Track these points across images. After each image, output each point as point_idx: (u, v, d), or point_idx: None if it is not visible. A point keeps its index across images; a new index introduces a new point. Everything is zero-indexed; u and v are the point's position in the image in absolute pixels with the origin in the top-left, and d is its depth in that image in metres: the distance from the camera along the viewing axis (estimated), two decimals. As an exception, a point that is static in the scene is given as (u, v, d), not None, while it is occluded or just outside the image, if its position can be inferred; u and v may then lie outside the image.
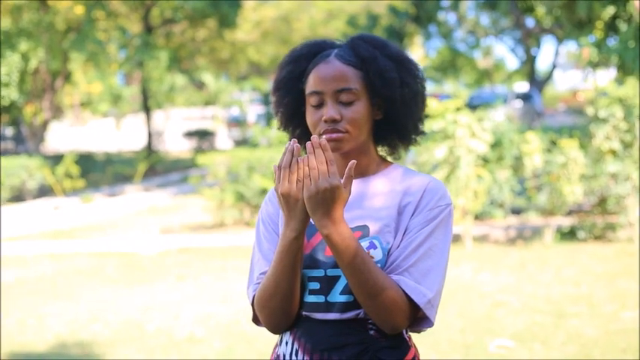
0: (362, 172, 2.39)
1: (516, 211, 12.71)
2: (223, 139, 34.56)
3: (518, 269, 9.54)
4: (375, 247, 2.25)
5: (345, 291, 2.25)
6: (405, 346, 2.33)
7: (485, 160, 12.09)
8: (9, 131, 35.71)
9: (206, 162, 14.43)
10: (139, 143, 34.71)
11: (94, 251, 12.12)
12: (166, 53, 25.01)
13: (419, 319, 2.30)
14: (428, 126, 11.30)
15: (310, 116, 2.33)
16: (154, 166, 26.36)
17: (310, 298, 2.30)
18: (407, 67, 2.37)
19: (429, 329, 2.36)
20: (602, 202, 11.23)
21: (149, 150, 28.94)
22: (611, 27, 16.03)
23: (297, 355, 2.32)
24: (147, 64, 24.92)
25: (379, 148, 2.46)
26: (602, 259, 9.88)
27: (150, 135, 29.43)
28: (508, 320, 7.22)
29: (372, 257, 2.23)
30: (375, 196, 2.34)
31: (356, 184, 2.36)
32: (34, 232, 14.72)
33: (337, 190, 2.11)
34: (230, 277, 9.84)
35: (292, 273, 2.23)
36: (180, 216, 15.71)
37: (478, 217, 12.27)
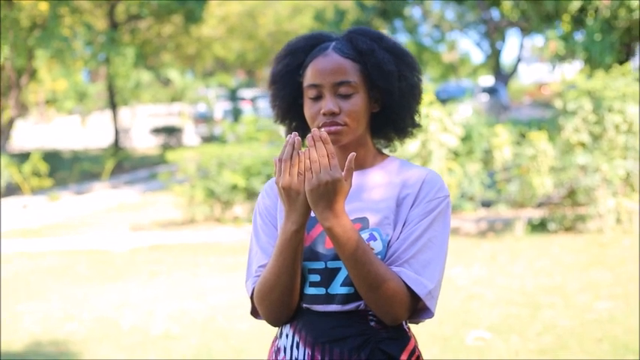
0: (360, 165, 2.40)
1: (487, 204, 12.79)
2: (190, 135, 34.45)
3: (490, 262, 9.59)
4: (375, 239, 2.26)
5: (346, 283, 2.26)
6: (405, 337, 2.35)
7: (456, 154, 12.15)
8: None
9: (175, 158, 14.37)
10: (105, 140, 34.52)
11: (64, 249, 12.03)
12: (132, 50, 24.89)
13: (419, 310, 2.33)
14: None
15: (308, 109, 2.34)
16: (122, 164, 26.23)
17: (311, 291, 2.31)
18: (404, 59, 2.38)
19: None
20: (572, 193, 11.32)
21: (116, 147, 28.81)
22: (577, 20, 16.16)
23: (297, 347, 2.33)
24: (113, 61, 24.80)
25: (375, 141, 2.47)
26: (573, 250, 9.96)
27: (117, 132, 29.30)
28: (484, 312, 7.26)
29: (373, 249, 2.24)
30: (374, 189, 2.36)
31: (354, 177, 2.37)
32: (2, 230, 14.59)
33: (339, 182, 2.12)
34: (203, 273, 9.82)
35: (293, 266, 2.24)
36: (150, 213, 15.64)
37: (449, 210, 12.32)
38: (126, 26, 28.45)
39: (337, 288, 2.27)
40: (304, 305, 2.33)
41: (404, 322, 2.36)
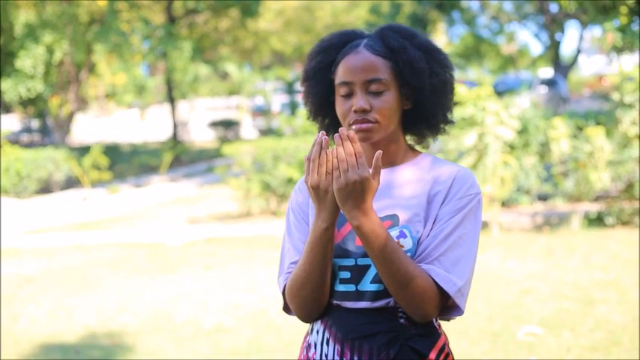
0: (391, 162, 2.40)
1: (543, 198, 12.65)
2: (248, 128, 34.61)
3: (545, 256, 9.50)
4: (404, 236, 2.26)
5: (376, 280, 2.26)
6: (435, 334, 2.34)
7: (512, 147, 12.03)
8: (35, 123, 35.92)
9: (232, 152, 14.45)
10: (163, 134, 34.83)
11: (121, 242, 12.19)
12: (189, 44, 25.06)
13: (448, 307, 2.31)
14: (457, 114, 11.27)
15: (340, 106, 2.34)
16: (180, 157, 26.46)
17: (341, 287, 2.32)
18: (436, 56, 2.37)
19: (457, 317, 2.36)
20: (630, 187, 11.16)
21: (174, 140, 29.05)
22: (635, 11, 15.91)
23: (327, 343, 2.34)
24: (170, 55, 25.00)
25: (407, 138, 2.47)
26: (630, 244, 9.82)
27: (175, 125, 29.53)
28: (536, 307, 7.20)
29: (402, 246, 2.24)
30: (404, 185, 2.36)
31: (385, 174, 2.38)
32: (61, 223, 14.82)
33: (366, 181, 2.12)
34: (256, 266, 9.87)
35: (323, 263, 2.25)
36: (206, 206, 15.77)
37: (505, 204, 12.23)
38: (183, 20, 28.66)
39: (367, 285, 2.28)
40: (334, 302, 2.33)
41: (434, 320, 2.35)
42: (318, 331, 2.39)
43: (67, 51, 22.73)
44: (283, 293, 2.42)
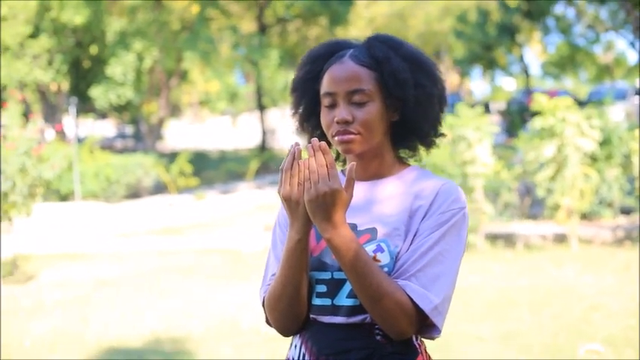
0: (376, 174, 2.35)
1: (626, 211, 12.36)
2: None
3: (622, 271, 9.28)
4: (382, 251, 2.20)
5: (352, 295, 2.21)
6: (413, 352, 2.25)
7: (594, 159, 11.78)
8: (129, 129, 36.63)
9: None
10: (253, 141, 35.14)
11: (199, 248, 12.32)
12: (276, 52, 25.23)
13: (427, 326, 2.23)
14: (536, 124, 11.11)
15: (324, 117, 2.30)
16: (267, 164, 26.65)
17: (317, 301, 2.28)
18: (422, 67, 2.31)
19: (522, 331, 2.28)
20: None
21: (263, 148, 29.26)
22: None
23: (304, 358, 2.30)
24: (259, 63, 25.22)
25: (400, 150, 2.41)
26: None
27: (264, 133, 29.76)
28: (603, 324, 7.02)
29: (379, 261, 2.19)
30: (387, 199, 2.30)
31: (368, 187, 2.33)
32: (146, 228, 15.06)
33: (337, 193, 2.08)
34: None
35: (298, 275, 2.21)
36: (287, 213, 15.79)
37: (586, 216, 11.98)
38: (274, 29, 28.89)
39: (343, 299, 2.23)
40: (312, 316, 2.30)
41: (414, 337, 2.28)
42: (296, 346, 2.36)
43: (157, 58, 23.11)
44: (263, 305, 2.40)
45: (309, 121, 2.44)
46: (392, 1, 37.55)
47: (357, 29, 35.41)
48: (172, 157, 23.76)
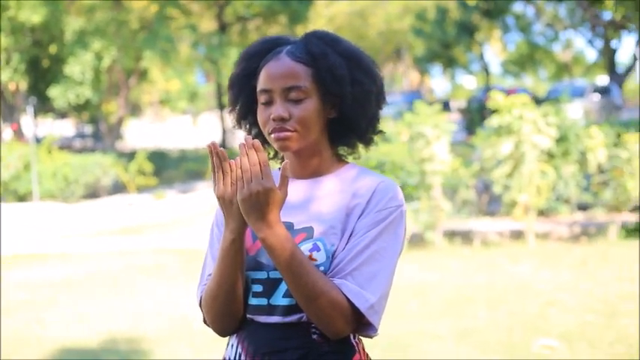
0: (315, 172, 2.32)
1: (583, 207, 12.45)
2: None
3: (578, 267, 9.36)
4: (318, 249, 2.18)
5: (288, 294, 2.19)
6: (350, 351, 2.24)
7: (551, 156, 11.87)
8: (88, 129, 36.38)
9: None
10: (214, 140, 35.03)
11: (158, 248, 12.26)
12: (237, 51, 25.14)
13: (364, 324, 2.20)
14: (495, 121, 11.17)
15: (260, 115, 2.27)
16: (227, 163, 26.47)
17: (254, 301, 2.25)
18: (360, 64, 2.29)
19: (473, 328, 2.27)
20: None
21: (223, 147, 29.13)
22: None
23: (240, 358, 2.29)
24: (219, 62, 25.12)
25: (339, 148, 2.39)
26: (668, 256, 9.63)
27: (224, 132, 29.69)
28: (558, 319, 7.07)
29: (315, 260, 2.16)
30: (325, 197, 2.27)
31: (307, 185, 2.30)
32: (104, 228, 14.96)
33: (270, 192, 2.06)
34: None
35: (233, 275, 2.19)
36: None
37: (543, 213, 12.06)
38: (235, 27, 28.82)
39: (279, 299, 2.21)
40: (248, 316, 2.28)
41: (351, 336, 2.26)
42: (232, 346, 2.34)
43: (115, 57, 22.96)
44: (200, 305, 2.38)
45: (247, 118, 2.40)
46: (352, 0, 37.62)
47: (317, 27, 35.45)
48: (132, 156, 23.58)
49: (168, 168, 25.29)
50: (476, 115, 26.38)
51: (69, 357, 6.88)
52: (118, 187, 21.46)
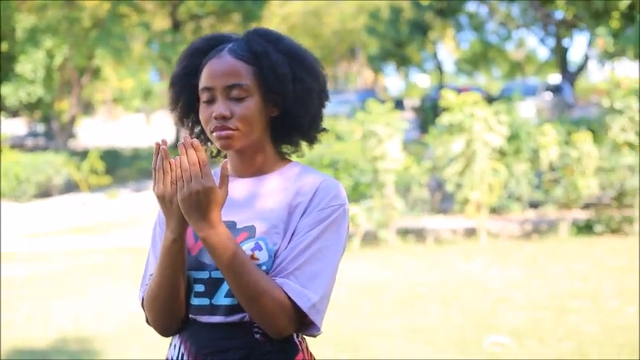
0: (257, 171, 2.31)
1: (534, 205, 12.56)
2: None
3: (529, 264, 9.44)
4: (260, 249, 2.17)
5: (230, 294, 2.17)
6: (293, 350, 2.23)
7: (502, 154, 11.96)
8: (41, 128, 36.01)
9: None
10: (168, 139, 34.85)
11: (110, 247, 12.18)
12: (189, 49, 25.07)
13: (307, 324, 2.19)
14: (446, 119, 11.23)
15: (202, 113, 2.25)
16: (181, 162, 26.36)
17: (196, 301, 2.24)
18: (302, 62, 2.28)
19: (426, 325, 2.27)
20: (621, 195, 11.08)
21: (177, 145, 29.04)
22: (627, 17, 15.78)
23: (182, 358, 2.27)
24: (173, 60, 24.99)
25: (283, 146, 2.39)
26: (616, 253, 9.75)
27: (178, 130, 29.56)
28: (509, 316, 7.13)
29: (257, 259, 2.15)
30: (267, 196, 2.26)
31: (249, 183, 2.29)
32: (57, 228, 14.82)
33: (210, 191, 2.04)
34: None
35: (174, 275, 2.18)
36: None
37: (495, 210, 12.14)
38: (188, 25, 28.69)
39: (221, 299, 2.20)
40: (191, 316, 2.27)
41: (294, 335, 2.25)
42: (175, 346, 2.32)
43: (67, 55, 22.76)
44: (142, 305, 2.37)
45: (189, 117, 2.38)
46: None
47: (272, 27, 35.26)
48: (84, 155, 23.38)
49: (122, 167, 25.11)
50: (429, 113, 26.50)
51: (17, 357, 6.81)
52: (71, 187, 21.27)
